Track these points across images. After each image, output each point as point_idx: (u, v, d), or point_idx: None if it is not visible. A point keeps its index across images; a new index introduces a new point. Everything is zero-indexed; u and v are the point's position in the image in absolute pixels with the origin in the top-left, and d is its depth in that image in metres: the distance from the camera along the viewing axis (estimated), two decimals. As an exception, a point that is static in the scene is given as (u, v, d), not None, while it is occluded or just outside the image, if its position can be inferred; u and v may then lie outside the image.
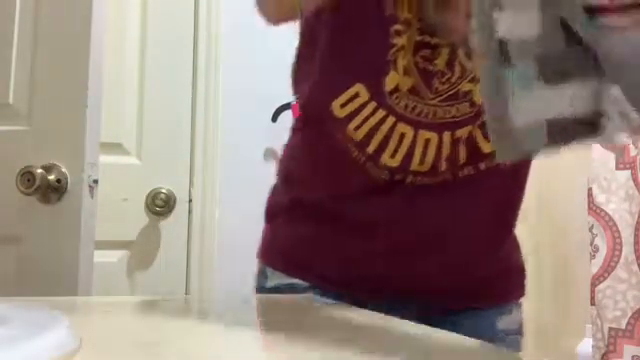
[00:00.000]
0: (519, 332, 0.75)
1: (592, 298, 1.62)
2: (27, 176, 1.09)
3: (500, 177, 0.67)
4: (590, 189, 1.63)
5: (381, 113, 0.65)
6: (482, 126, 0.64)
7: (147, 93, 1.56)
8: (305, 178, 0.73)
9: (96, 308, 0.64)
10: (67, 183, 1.10)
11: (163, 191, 1.52)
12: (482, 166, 0.66)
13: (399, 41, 0.62)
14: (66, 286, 1.08)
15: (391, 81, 0.64)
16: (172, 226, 1.52)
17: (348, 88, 0.65)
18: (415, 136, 0.65)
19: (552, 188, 1.82)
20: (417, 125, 0.65)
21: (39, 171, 1.08)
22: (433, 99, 0.64)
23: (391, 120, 0.64)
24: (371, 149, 0.66)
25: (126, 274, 1.51)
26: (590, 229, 1.63)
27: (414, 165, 0.65)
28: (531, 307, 1.90)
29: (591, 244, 1.63)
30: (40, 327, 0.30)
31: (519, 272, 0.77)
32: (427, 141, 0.65)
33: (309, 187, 0.72)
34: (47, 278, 1.08)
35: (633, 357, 1.54)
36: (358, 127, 0.66)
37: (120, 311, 0.59)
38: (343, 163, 0.67)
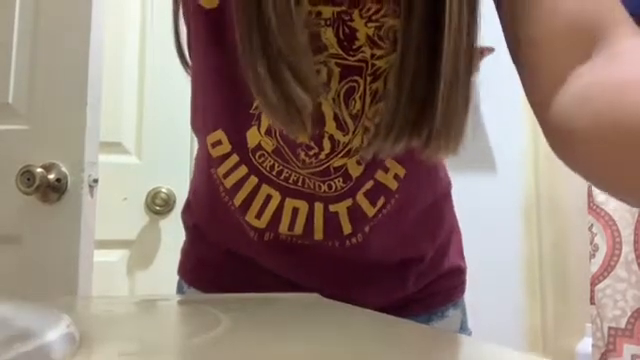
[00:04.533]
0: (463, 330, 0.70)
1: (592, 297, 1.62)
2: (27, 175, 1.09)
3: (390, 227, 0.61)
4: (590, 188, 1.63)
5: (244, 170, 0.59)
6: (367, 194, 0.59)
7: (147, 92, 1.56)
8: (197, 206, 0.69)
9: (96, 307, 0.64)
10: (67, 182, 1.10)
11: (163, 190, 1.52)
12: (367, 229, 0.60)
13: None
14: (66, 285, 1.08)
15: (252, 138, 0.57)
16: (172, 226, 1.52)
17: (213, 131, 0.59)
18: (282, 202, 0.59)
19: (552, 187, 1.82)
20: (284, 191, 0.59)
21: (39, 170, 1.08)
22: (301, 168, 0.58)
23: (254, 180, 0.59)
24: (237, 203, 0.61)
25: (126, 273, 1.51)
26: (590, 228, 1.63)
27: (283, 231, 0.60)
28: (531, 306, 1.90)
29: (591, 243, 1.63)
30: (40, 327, 0.30)
31: (451, 277, 0.70)
32: (295, 209, 0.59)
33: (202, 216, 0.68)
34: (47, 277, 1.08)
35: (633, 356, 1.54)
36: (226, 175, 0.60)
37: (120, 310, 0.58)
38: (220, 202, 0.62)
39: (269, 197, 0.59)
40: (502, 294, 1.75)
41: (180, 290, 0.72)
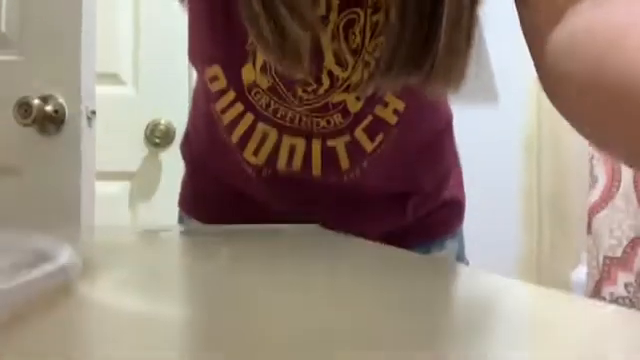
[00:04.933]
0: (460, 260, 0.71)
1: (589, 227, 1.65)
2: (24, 107, 1.07)
3: (388, 162, 0.61)
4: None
5: (240, 107, 0.58)
6: (365, 130, 0.58)
7: (142, 20, 1.52)
8: (196, 139, 0.69)
9: (99, 237, 0.65)
10: (65, 114, 1.09)
11: (162, 122, 1.51)
12: (365, 164, 0.60)
13: None
14: (69, 217, 1.09)
15: (248, 74, 0.56)
16: (172, 157, 1.52)
17: (210, 65, 0.58)
18: (279, 139, 0.58)
19: (554, 119, 1.81)
20: (281, 129, 0.58)
21: (36, 102, 1.07)
22: (298, 106, 0.57)
23: (250, 117, 0.58)
24: (235, 139, 0.60)
25: (128, 205, 1.52)
26: (590, 159, 1.64)
27: (281, 167, 0.59)
28: (527, 236, 1.93)
29: (590, 174, 1.64)
30: (42, 254, 0.30)
31: (449, 208, 0.70)
32: (293, 146, 0.59)
33: (201, 150, 0.68)
34: (49, 209, 1.09)
35: (626, 284, 1.58)
36: (223, 111, 0.59)
37: (123, 240, 0.59)
38: (218, 138, 0.61)
39: (266, 135, 0.59)
40: (500, 224, 1.77)
41: (180, 221, 0.73)
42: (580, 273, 1.72)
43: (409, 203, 0.66)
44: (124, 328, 0.24)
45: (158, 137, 1.51)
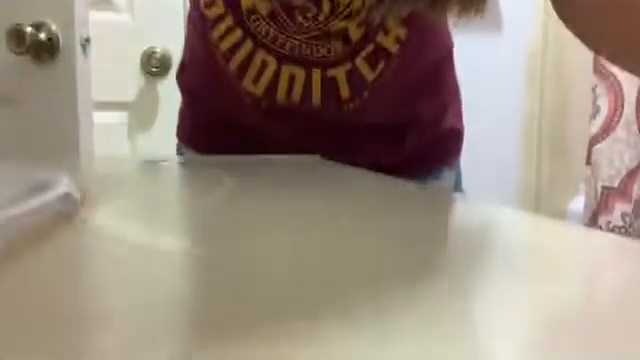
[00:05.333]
0: (457, 191, 0.71)
1: (588, 158, 1.65)
2: (16, 35, 1.05)
3: (388, 91, 0.60)
4: (597, 48, 1.59)
5: (238, 33, 0.56)
6: (367, 58, 0.57)
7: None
8: (192, 69, 0.67)
9: (98, 167, 0.65)
10: (59, 42, 1.07)
11: (158, 51, 1.47)
12: (366, 94, 0.59)
13: None
14: (67, 147, 1.08)
15: (246, 0, 0.55)
16: (170, 87, 1.49)
17: None
18: (279, 68, 0.57)
19: (559, 47, 1.77)
20: (280, 58, 0.57)
21: (28, 29, 1.04)
22: (298, 34, 0.55)
23: (249, 44, 0.57)
24: (233, 67, 0.58)
25: (126, 135, 1.52)
26: (593, 89, 1.62)
27: (280, 98, 0.58)
28: (526, 166, 1.93)
29: (593, 104, 1.62)
30: (40, 185, 0.30)
31: (447, 138, 0.70)
32: (292, 76, 0.57)
33: (197, 80, 0.66)
34: (47, 139, 1.09)
35: (623, 214, 1.59)
36: (221, 38, 0.58)
37: (122, 171, 0.59)
38: (216, 67, 0.60)
39: (265, 63, 0.58)
40: (499, 153, 1.77)
41: (179, 152, 0.72)
42: (578, 203, 1.74)
43: (408, 133, 0.65)
44: (123, 257, 0.24)
45: (154, 66, 1.48)
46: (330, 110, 0.60)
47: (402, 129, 0.65)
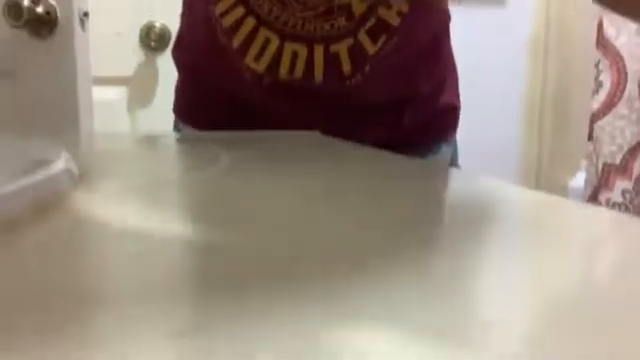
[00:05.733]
0: (453, 166, 0.71)
1: (590, 134, 1.64)
2: (14, 8, 1.04)
3: (389, 65, 0.59)
4: (600, 21, 1.57)
5: (241, 10, 0.56)
6: (369, 32, 0.57)
7: None
8: (191, 44, 0.67)
9: (98, 143, 0.65)
10: (56, 15, 1.06)
11: (157, 25, 1.46)
12: (367, 68, 0.59)
13: None
14: (67, 121, 1.08)
15: None
16: (169, 62, 1.48)
17: None
18: (281, 46, 0.57)
19: (562, 22, 1.75)
20: (283, 35, 0.57)
21: (26, 3, 1.03)
22: (302, 11, 0.55)
23: (252, 21, 0.56)
24: (235, 44, 0.58)
25: (126, 110, 1.51)
26: (596, 65, 1.60)
27: (282, 75, 0.58)
28: (528, 140, 1.92)
29: (595, 80, 1.61)
30: (39, 161, 0.30)
31: (445, 114, 0.69)
32: (295, 53, 0.57)
33: (196, 56, 0.66)
34: (46, 114, 1.08)
35: (623, 191, 1.60)
36: (224, 14, 0.57)
37: (121, 147, 0.59)
38: (217, 43, 0.59)
39: (267, 40, 0.57)
40: (501, 128, 1.76)
41: (176, 128, 0.72)
42: (579, 180, 1.73)
43: (406, 109, 0.65)
44: (120, 234, 0.24)
45: (153, 40, 1.47)
46: (332, 86, 0.59)
47: (401, 105, 0.65)
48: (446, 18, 0.66)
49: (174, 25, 0.71)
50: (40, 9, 1.07)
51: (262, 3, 0.56)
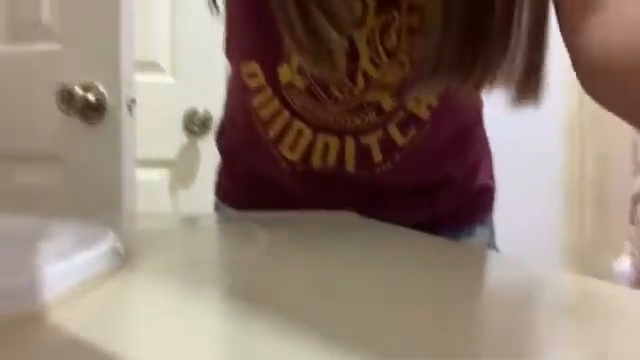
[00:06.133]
0: (491, 248, 0.70)
1: (632, 216, 1.60)
2: (66, 96, 1.10)
3: (420, 154, 0.60)
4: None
5: (277, 104, 0.59)
6: (398, 125, 0.58)
7: (179, 8, 1.53)
8: (231, 132, 0.70)
9: (140, 223, 0.66)
10: (105, 102, 1.11)
11: (200, 111, 1.52)
12: (398, 158, 0.60)
13: None
14: (111, 204, 1.11)
15: (284, 75, 0.57)
16: (211, 146, 1.53)
17: (248, 62, 0.59)
18: (314, 137, 0.59)
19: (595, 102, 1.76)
20: (315, 127, 0.58)
21: (78, 90, 1.09)
22: (333, 106, 0.57)
23: (286, 115, 0.59)
24: (271, 134, 0.60)
25: (168, 192, 1.55)
26: (635, 145, 1.59)
27: (315, 164, 0.60)
28: (568, 223, 1.88)
29: (634, 161, 1.59)
30: (85, 242, 0.31)
31: (479, 196, 0.69)
32: (327, 144, 0.59)
33: (236, 142, 0.69)
34: (91, 196, 1.12)
35: (672, 274, 1.53)
36: (261, 107, 0.60)
37: (163, 227, 0.60)
38: (255, 132, 0.62)
39: (301, 132, 0.59)
40: (539, 210, 1.74)
41: (216, 209, 0.74)
42: (623, 263, 1.68)
43: (440, 194, 0.65)
44: (161, 312, 0.25)
45: (196, 125, 1.53)
46: (363, 173, 0.61)
47: (434, 191, 0.65)
48: (478, 106, 0.67)
49: (216, 111, 0.75)
50: (91, 96, 1.13)
51: (295, 98, 0.58)
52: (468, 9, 0.46)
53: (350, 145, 0.59)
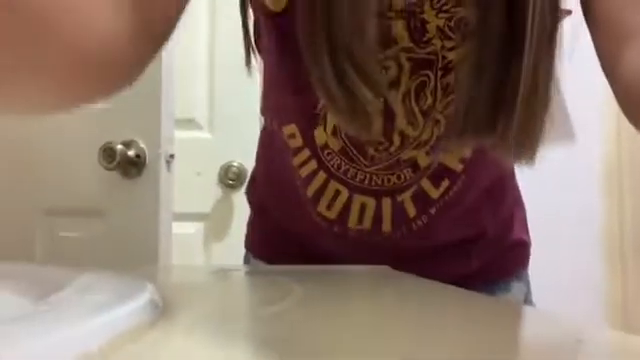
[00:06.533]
0: (527, 304, 0.69)
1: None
2: (108, 152, 1.14)
3: (454, 206, 0.61)
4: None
5: (314, 164, 0.60)
6: (430, 177, 0.59)
7: (217, 67, 1.59)
8: (265, 187, 0.71)
9: (176, 276, 0.67)
10: (145, 158, 1.15)
11: (235, 164, 1.55)
12: (433, 211, 0.60)
13: None
14: (147, 256, 1.13)
15: (320, 137, 0.58)
16: (244, 199, 1.55)
17: (287, 124, 0.60)
18: (350, 197, 0.60)
19: (634, 150, 1.73)
20: (351, 188, 0.60)
21: (119, 147, 1.14)
22: (369, 166, 0.58)
23: (323, 175, 0.60)
24: (309, 193, 0.62)
25: (202, 245, 1.57)
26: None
27: (352, 224, 0.61)
28: (610, 280, 1.83)
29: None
30: (124, 294, 0.32)
31: (513, 250, 0.69)
32: (363, 205, 0.60)
33: (270, 198, 0.70)
34: (129, 249, 1.14)
35: None
36: (301, 165, 0.61)
37: (199, 279, 0.61)
38: (292, 190, 0.63)
39: (338, 192, 0.60)
40: (578, 262, 1.69)
41: (247, 262, 0.74)
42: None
43: (473, 249, 0.65)
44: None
45: (231, 179, 1.56)
46: (399, 230, 0.61)
47: (468, 245, 0.65)
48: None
49: (250, 164, 0.76)
50: (131, 152, 1.17)
51: (331, 159, 0.59)
52: (499, 69, 0.47)
53: (387, 205, 0.60)
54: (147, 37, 0.40)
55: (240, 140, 1.57)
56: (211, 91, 1.59)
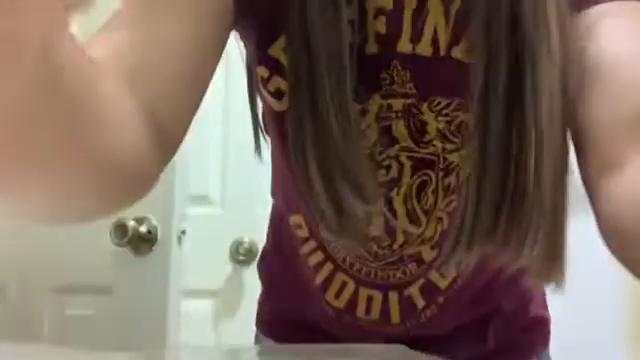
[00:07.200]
0: None
1: None
2: (120, 228, 1.14)
3: (462, 291, 0.60)
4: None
5: (320, 255, 0.60)
6: (439, 269, 0.58)
7: (231, 145, 1.61)
8: (277, 269, 0.70)
9: (183, 356, 0.65)
10: (157, 234, 1.15)
11: (246, 240, 1.55)
12: (441, 300, 0.59)
13: None
14: (155, 334, 1.11)
15: (324, 232, 0.57)
16: (255, 275, 1.53)
17: (294, 213, 0.60)
18: (357, 290, 0.59)
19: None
20: (358, 281, 0.59)
21: (131, 223, 1.14)
22: (373, 262, 0.58)
23: (330, 266, 0.60)
24: (318, 281, 0.61)
25: (212, 322, 1.54)
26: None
27: (360, 314, 0.60)
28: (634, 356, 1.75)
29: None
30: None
31: (533, 328, 0.67)
32: (370, 297, 0.60)
33: (283, 284, 0.69)
34: (137, 326, 1.12)
35: None
36: (308, 255, 0.61)
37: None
38: (302, 274, 0.63)
39: (345, 283, 0.60)
40: (603, 349, 1.63)
41: (258, 341, 0.72)
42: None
43: (490, 327, 0.63)
44: None
45: (242, 255, 1.54)
46: (408, 321, 0.60)
47: (483, 324, 0.63)
48: None
49: (262, 240, 0.76)
50: (143, 228, 1.17)
51: (338, 252, 0.59)
52: (502, 172, 0.45)
53: (394, 299, 0.59)
54: (165, 147, 0.43)
55: (251, 216, 1.57)
56: (224, 167, 1.61)
